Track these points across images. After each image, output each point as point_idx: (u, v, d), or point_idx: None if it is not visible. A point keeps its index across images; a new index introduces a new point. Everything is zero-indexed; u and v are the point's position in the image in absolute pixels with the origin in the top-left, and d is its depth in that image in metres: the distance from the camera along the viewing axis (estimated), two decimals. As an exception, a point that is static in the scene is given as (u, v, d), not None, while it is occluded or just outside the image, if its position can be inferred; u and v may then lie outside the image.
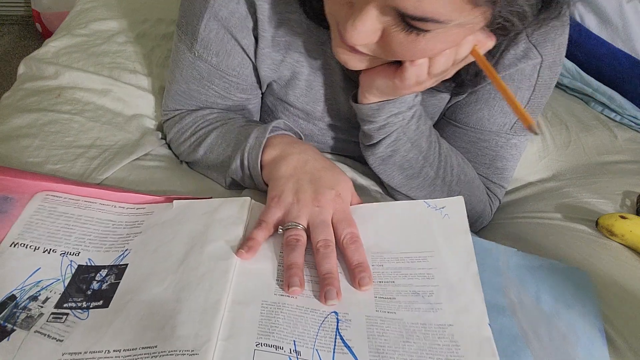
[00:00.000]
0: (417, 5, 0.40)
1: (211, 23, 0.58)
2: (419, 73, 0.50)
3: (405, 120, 0.59)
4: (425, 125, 0.62)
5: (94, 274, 0.48)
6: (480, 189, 0.68)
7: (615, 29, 0.90)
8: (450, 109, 0.67)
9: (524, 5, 0.42)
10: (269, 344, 0.41)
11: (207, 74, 0.63)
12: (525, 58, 0.58)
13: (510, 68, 0.59)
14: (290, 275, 0.47)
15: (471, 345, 0.43)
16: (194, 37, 0.60)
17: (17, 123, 0.67)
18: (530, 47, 0.58)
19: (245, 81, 0.64)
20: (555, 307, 0.50)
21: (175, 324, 0.42)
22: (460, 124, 0.66)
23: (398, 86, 0.53)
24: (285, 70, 0.62)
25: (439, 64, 0.49)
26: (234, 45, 0.60)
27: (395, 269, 0.49)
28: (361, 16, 0.43)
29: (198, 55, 0.61)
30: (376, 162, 0.64)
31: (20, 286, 0.46)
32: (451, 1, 0.39)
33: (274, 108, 0.69)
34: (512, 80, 0.60)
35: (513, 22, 0.44)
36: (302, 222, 0.51)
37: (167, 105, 0.69)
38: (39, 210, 0.53)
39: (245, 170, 0.59)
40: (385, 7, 0.42)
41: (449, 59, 0.49)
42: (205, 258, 0.48)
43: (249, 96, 0.67)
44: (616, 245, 0.63)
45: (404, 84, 0.52)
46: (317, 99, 0.65)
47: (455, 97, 0.65)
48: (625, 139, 0.88)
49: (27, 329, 0.43)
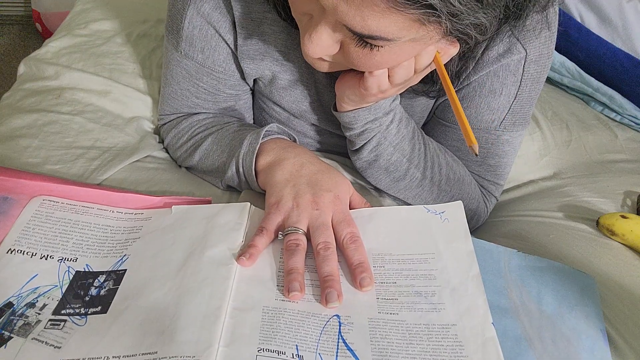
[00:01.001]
0: (363, 24, 0.40)
1: (195, 19, 0.58)
2: (379, 83, 0.51)
3: (383, 125, 0.59)
4: (407, 128, 0.62)
5: (92, 279, 0.48)
6: (472, 187, 0.68)
7: (615, 28, 0.90)
8: (439, 108, 0.67)
9: (480, 18, 0.41)
10: (271, 350, 0.41)
11: (195, 71, 0.63)
12: (509, 53, 0.58)
13: (494, 64, 0.59)
14: (290, 280, 0.46)
15: (475, 345, 0.43)
16: (179, 36, 0.60)
17: (17, 123, 0.67)
18: (514, 42, 0.58)
19: (232, 76, 0.64)
20: (558, 309, 0.50)
21: (175, 329, 0.42)
22: (449, 122, 0.66)
23: (363, 94, 0.54)
24: (266, 70, 0.63)
25: (398, 75, 0.50)
26: (219, 41, 0.60)
27: (397, 270, 0.49)
28: (316, 31, 0.44)
29: (184, 54, 0.61)
30: (362, 167, 0.64)
31: (17, 293, 0.46)
32: (395, 21, 0.39)
33: (265, 106, 0.69)
34: (497, 76, 0.60)
35: (470, 35, 0.44)
36: (302, 227, 0.51)
37: (163, 109, 0.69)
38: (36, 215, 0.52)
39: (242, 176, 0.59)
40: (337, 24, 0.43)
41: (409, 69, 0.50)
42: (205, 263, 0.48)
43: (238, 92, 0.67)
44: (617, 245, 0.63)
45: (367, 92, 0.53)
46: (301, 99, 0.65)
47: (442, 97, 0.64)
48: (625, 138, 0.88)
49: (25, 336, 0.42)
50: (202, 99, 0.66)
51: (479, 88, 0.61)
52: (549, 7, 0.53)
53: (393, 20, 0.39)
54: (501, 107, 0.62)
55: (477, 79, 0.60)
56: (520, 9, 0.45)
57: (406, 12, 0.38)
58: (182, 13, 0.58)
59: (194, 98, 0.65)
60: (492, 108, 0.62)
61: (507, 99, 0.61)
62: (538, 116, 0.88)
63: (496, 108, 0.62)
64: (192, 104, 0.66)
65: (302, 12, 0.46)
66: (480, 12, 0.40)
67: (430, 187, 0.65)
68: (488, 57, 0.58)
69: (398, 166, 0.62)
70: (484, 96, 0.61)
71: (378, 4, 0.38)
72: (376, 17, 0.39)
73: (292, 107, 0.66)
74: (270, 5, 0.55)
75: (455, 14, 0.39)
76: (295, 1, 0.46)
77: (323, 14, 0.43)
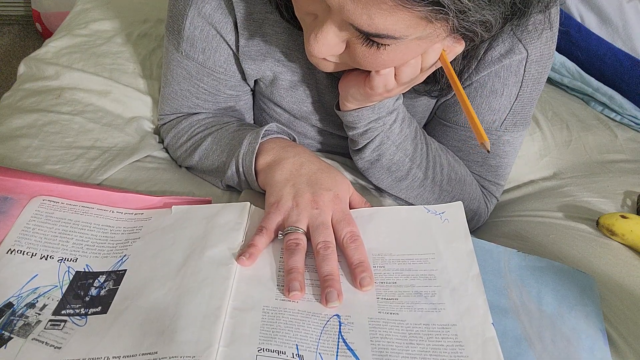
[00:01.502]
0: (370, 23, 0.40)
1: (196, 20, 0.58)
2: (385, 82, 0.51)
3: (386, 125, 0.59)
4: (410, 127, 0.62)
5: (92, 280, 0.48)
6: (473, 187, 0.68)
7: (615, 28, 0.90)
8: (440, 108, 0.67)
9: (486, 15, 0.41)
10: (271, 349, 0.41)
11: (195, 72, 0.63)
12: (510, 53, 0.58)
13: (495, 64, 0.58)
14: (290, 280, 0.46)
15: (475, 345, 0.43)
16: (180, 36, 0.60)
17: (17, 123, 0.67)
18: (516, 42, 0.57)
19: (233, 77, 0.64)
20: (557, 309, 0.50)
21: (175, 329, 0.42)
22: (450, 122, 0.66)
23: (369, 93, 0.53)
24: (267, 70, 0.62)
25: (405, 73, 0.50)
26: (220, 42, 0.60)
27: (397, 270, 0.49)
28: (322, 30, 0.44)
29: (185, 54, 0.61)
30: (364, 166, 0.64)
31: (17, 293, 0.46)
32: (402, 19, 0.39)
33: (266, 107, 0.69)
34: (498, 77, 0.60)
35: (476, 32, 0.44)
36: (302, 226, 0.51)
37: (163, 109, 0.69)
38: (36, 216, 0.52)
39: (241, 176, 0.59)
40: (343, 23, 0.43)
41: (415, 68, 0.49)
42: (205, 263, 0.48)
43: (239, 93, 0.67)
44: (616, 245, 0.63)
45: (373, 91, 0.52)
46: (302, 99, 0.65)
47: (443, 96, 0.64)
48: (625, 138, 0.88)
49: (25, 337, 0.42)
50: (203, 99, 0.65)
51: (480, 88, 0.61)
52: (551, 6, 0.53)
53: (400, 18, 0.39)
54: (502, 107, 0.62)
55: (479, 79, 0.60)
56: (526, 5, 0.45)
57: (414, 10, 0.38)
58: (184, 14, 0.58)
59: (194, 98, 0.65)
60: (494, 109, 0.62)
61: (509, 99, 0.61)
62: (538, 116, 0.88)
63: (497, 109, 0.62)
64: (192, 104, 0.66)
65: (307, 11, 0.46)
66: (487, 8, 0.40)
67: (432, 187, 0.65)
68: (490, 57, 0.58)
69: (400, 166, 0.62)
70: (485, 97, 0.61)
71: (386, 2, 0.38)
72: (383, 15, 0.39)
73: (293, 108, 0.66)
74: (273, 6, 0.55)
75: (463, 10, 0.39)
76: (299, 1, 0.46)
77: (329, 13, 0.43)
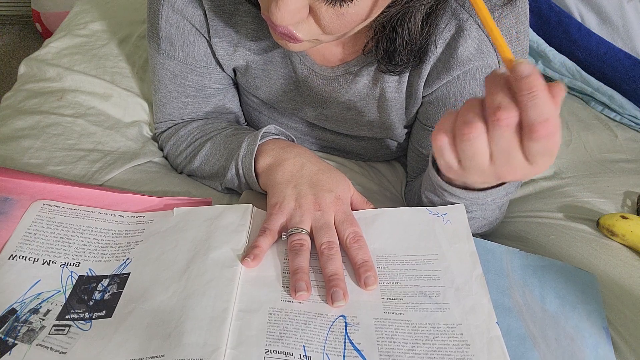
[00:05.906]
0: None
1: (170, 17, 0.59)
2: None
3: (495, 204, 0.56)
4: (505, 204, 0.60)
5: (96, 284, 0.47)
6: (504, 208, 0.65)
7: (615, 28, 0.90)
8: (421, 113, 0.64)
9: None
10: (279, 351, 0.41)
11: (179, 71, 0.63)
12: (480, 54, 0.54)
13: (466, 65, 0.55)
14: (296, 280, 0.46)
15: (480, 344, 0.43)
16: (159, 37, 0.60)
17: (19, 124, 0.66)
18: (483, 40, 0.54)
19: (215, 70, 0.64)
20: (560, 308, 0.50)
21: (181, 332, 0.42)
22: (432, 127, 0.63)
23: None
24: (240, 60, 0.62)
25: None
26: (196, 35, 0.60)
27: (401, 270, 0.49)
28: None
29: (166, 54, 0.62)
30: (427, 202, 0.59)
31: (20, 299, 0.45)
32: None
33: (247, 100, 0.69)
34: (474, 79, 0.57)
35: None
36: (305, 227, 0.51)
37: (157, 117, 0.70)
38: (37, 220, 0.52)
39: (242, 178, 0.59)
40: None
41: None
42: (209, 265, 0.47)
43: (224, 85, 0.67)
44: (617, 246, 0.63)
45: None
46: (277, 88, 0.65)
47: (405, 73, 0.60)
48: (625, 138, 0.88)
49: (29, 343, 0.42)
50: (191, 97, 0.66)
51: (458, 93, 0.59)
52: None
53: None
54: None
55: (452, 80, 0.58)
56: None
57: None
58: (158, 13, 0.59)
59: (183, 97, 0.65)
60: None
61: None
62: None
63: None
64: (182, 104, 0.66)
65: None
66: None
67: (490, 223, 0.63)
68: (461, 56, 0.55)
69: (476, 222, 0.60)
70: (465, 99, 0.59)
71: None
72: None
73: (270, 98, 0.66)
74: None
75: None
76: None
77: None
